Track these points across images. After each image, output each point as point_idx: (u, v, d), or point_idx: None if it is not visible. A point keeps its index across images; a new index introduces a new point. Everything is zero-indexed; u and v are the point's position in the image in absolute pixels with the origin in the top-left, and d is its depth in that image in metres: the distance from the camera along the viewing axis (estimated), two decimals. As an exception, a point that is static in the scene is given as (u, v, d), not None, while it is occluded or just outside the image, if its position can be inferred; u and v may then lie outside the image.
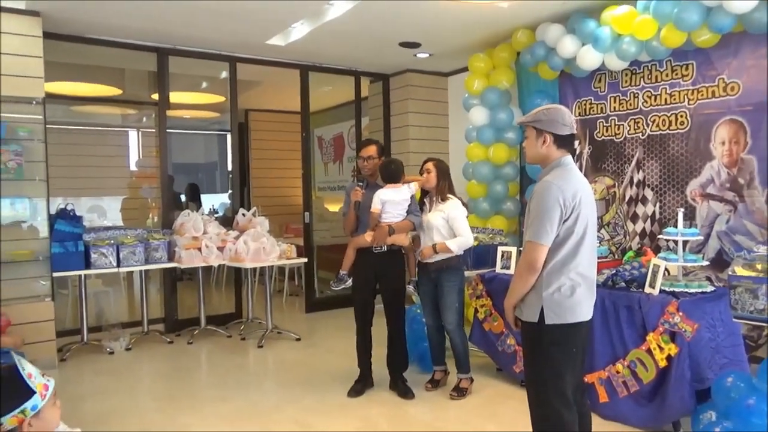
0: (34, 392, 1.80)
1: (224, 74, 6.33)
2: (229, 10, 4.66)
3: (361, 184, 4.02)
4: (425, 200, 4.07)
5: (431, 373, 4.26)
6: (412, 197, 4.00)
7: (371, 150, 4.06)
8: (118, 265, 5.14)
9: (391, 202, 3.90)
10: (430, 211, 3.99)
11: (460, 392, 4.00)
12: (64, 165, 6.14)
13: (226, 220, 6.46)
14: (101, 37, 5.36)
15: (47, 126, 4.77)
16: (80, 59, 6.11)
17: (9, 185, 4.57)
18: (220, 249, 5.53)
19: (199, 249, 5.43)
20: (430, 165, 4.01)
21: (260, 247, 5.36)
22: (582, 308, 2.44)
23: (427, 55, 6.15)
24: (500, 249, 4.44)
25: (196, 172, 10.79)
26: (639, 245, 4.55)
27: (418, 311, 4.63)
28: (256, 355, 5.17)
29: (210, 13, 4.74)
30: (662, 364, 3.23)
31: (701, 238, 3.94)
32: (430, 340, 4.19)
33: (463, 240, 3.88)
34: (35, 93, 4.63)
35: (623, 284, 3.57)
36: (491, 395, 4.04)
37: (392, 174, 3.95)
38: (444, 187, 3.97)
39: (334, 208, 8.32)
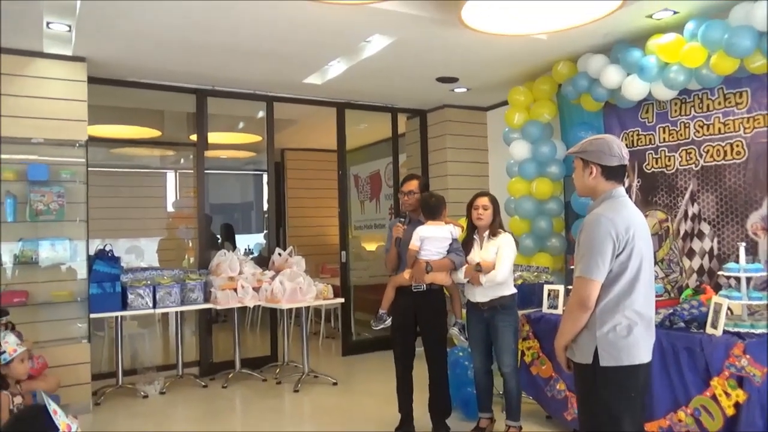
0: (57, 429, 1.82)
1: (261, 114, 6.50)
2: (267, 51, 4.81)
3: (402, 219, 4.02)
4: (474, 236, 4.02)
5: (476, 421, 4.12)
6: (455, 239, 3.96)
7: (412, 185, 4.08)
8: (155, 306, 5.22)
9: (431, 239, 3.88)
10: (481, 249, 3.93)
11: (507, 441, 3.86)
12: (103, 206, 6.35)
13: (262, 260, 6.52)
14: (142, 80, 5.59)
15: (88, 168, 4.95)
16: (121, 102, 6.38)
17: (51, 226, 4.74)
18: (256, 289, 5.56)
19: (235, 290, 5.48)
20: (486, 201, 3.95)
21: (296, 287, 5.38)
22: (639, 349, 2.36)
23: (465, 89, 6.20)
24: (546, 287, 4.33)
25: (232, 212, 11.01)
26: (697, 283, 4.38)
27: (461, 354, 4.54)
28: (292, 400, 5.12)
29: (248, 54, 4.90)
30: (730, 412, 3.06)
31: (765, 274, 3.77)
32: (478, 385, 4.08)
33: (492, 274, 3.78)
34: (78, 136, 4.83)
35: (682, 324, 3.43)
36: (541, 445, 3.88)
37: (432, 208, 3.94)
38: (498, 223, 3.94)
39: (371, 246, 8.32)
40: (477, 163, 6.99)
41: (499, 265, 3.80)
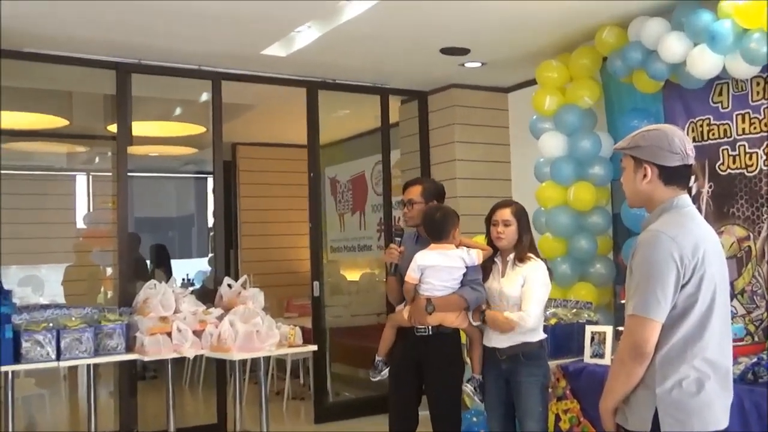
0: None
1: (205, 96, 6.51)
2: (214, 11, 4.83)
3: (398, 239, 4.05)
4: (496, 260, 4.04)
5: None
6: (472, 266, 3.96)
7: (412, 192, 4.14)
8: (59, 358, 5.16)
9: (435, 268, 3.90)
10: (503, 277, 3.96)
11: None
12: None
13: (206, 294, 6.52)
14: (43, 51, 5.59)
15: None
16: (14, 81, 6.34)
17: None
18: (197, 334, 5.54)
19: (169, 334, 5.45)
20: (508, 214, 3.95)
21: (252, 330, 5.35)
22: (713, 411, 2.38)
23: (479, 64, 6.26)
24: (589, 329, 4.38)
25: (166, 229, 11.00)
26: (789, 322, 4.44)
27: (476, 419, 4.55)
28: (247, 485, 5.11)
29: (187, 17, 4.92)
30: (834, 494, 3.09)
31: None
32: (496, 461, 4.09)
33: (519, 316, 3.78)
34: (-44, 126, 4.83)
35: (770, 378, 3.48)
36: None
37: (436, 226, 3.96)
38: (526, 245, 3.95)
39: (353, 275, 8.33)
40: (495, 162, 7.04)
41: (528, 306, 3.81)
